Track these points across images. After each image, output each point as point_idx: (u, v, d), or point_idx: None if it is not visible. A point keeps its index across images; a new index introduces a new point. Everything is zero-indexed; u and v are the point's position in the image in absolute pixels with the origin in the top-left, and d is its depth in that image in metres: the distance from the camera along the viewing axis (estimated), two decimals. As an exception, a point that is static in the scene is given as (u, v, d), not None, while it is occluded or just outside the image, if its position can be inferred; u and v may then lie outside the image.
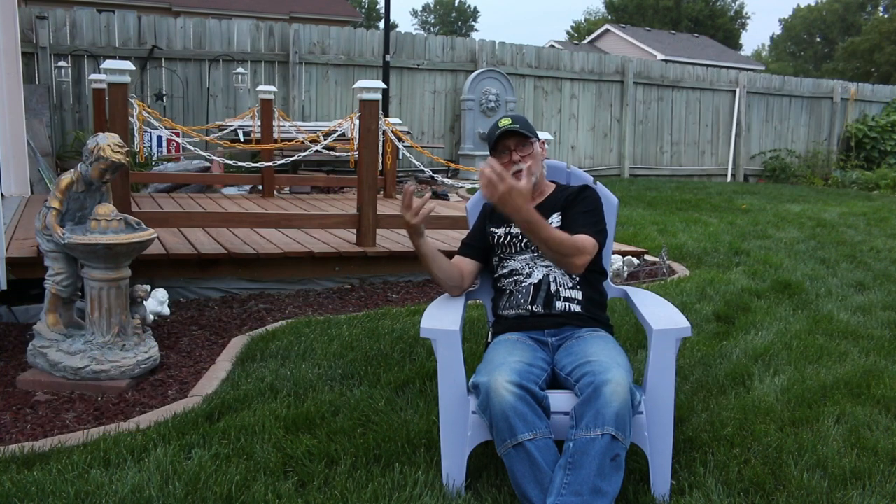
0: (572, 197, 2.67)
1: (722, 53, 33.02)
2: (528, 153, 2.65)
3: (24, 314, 4.10)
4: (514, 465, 2.14)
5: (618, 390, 2.12)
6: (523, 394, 2.16)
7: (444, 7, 63.55)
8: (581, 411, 2.13)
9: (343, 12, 24.78)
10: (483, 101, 11.97)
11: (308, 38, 11.04)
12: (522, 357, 2.35)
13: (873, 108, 17.22)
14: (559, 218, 2.63)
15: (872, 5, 51.83)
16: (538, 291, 2.57)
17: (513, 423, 2.12)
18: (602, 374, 2.17)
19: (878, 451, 2.61)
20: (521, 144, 2.65)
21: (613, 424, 2.08)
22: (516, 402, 2.13)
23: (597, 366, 2.23)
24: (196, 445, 2.53)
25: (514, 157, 2.64)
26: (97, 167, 3.21)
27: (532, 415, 2.15)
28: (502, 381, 2.17)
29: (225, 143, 6.96)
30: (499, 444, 2.17)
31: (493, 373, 2.22)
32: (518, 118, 2.67)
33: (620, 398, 2.11)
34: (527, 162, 2.63)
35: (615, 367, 2.20)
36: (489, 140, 2.69)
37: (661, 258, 5.61)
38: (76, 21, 9.71)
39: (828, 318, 4.33)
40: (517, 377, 2.19)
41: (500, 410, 2.14)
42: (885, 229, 7.92)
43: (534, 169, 2.64)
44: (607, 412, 2.09)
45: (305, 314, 4.31)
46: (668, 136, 14.69)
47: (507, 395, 2.14)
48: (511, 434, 2.13)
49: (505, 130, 2.62)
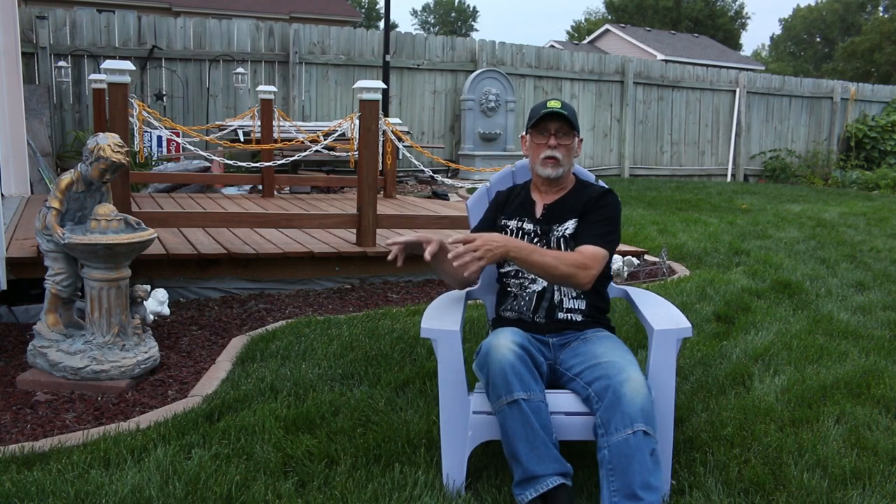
0: (591, 203, 2.57)
1: (722, 53, 33.01)
2: (566, 143, 2.57)
3: (24, 314, 4.10)
4: (507, 421, 2.18)
5: (637, 388, 2.14)
6: (523, 354, 2.22)
7: (444, 7, 63.53)
8: (607, 417, 2.14)
9: (343, 12, 24.77)
10: (483, 101, 11.97)
11: (308, 38, 11.04)
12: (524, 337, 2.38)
13: (873, 108, 17.21)
14: (574, 224, 2.55)
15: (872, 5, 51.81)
16: (541, 301, 2.54)
17: (510, 379, 2.17)
18: (618, 376, 2.19)
19: (878, 451, 2.61)
20: (564, 133, 2.56)
21: (642, 420, 2.10)
22: (515, 361, 2.19)
23: (610, 367, 2.24)
24: (196, 445, 2.53)
25: (551, 141, 2.56)
26: (97, 167, 3.21)
27: (529, 376, 2.20)
28: (505, 340, 2.23)
29: (225, 143, 6.95)
30: (493, 400, 2.21)
31: (498, 335, 2.28)
32: (568, 106, 2.57)
33: (642, 395, 2.14)
34: (561, 151, 2.56)
35: (629, 366, 2.23)
36: (533, 116, 2.58)
37: (661, 258, 5.61)
38: (76, 21, 9.71)
39: (828, 318, 4.33)
40: (520, 339, 2.26)
41: (499, 367, 2.18)
42: (885, 229, 7.92)
43: (564, 162, 2.57)
44: (633, 410, 2.11)
45: (305, 314, 4.31)
46: (668, 136, 14.69)
47: (508, 353, 2.19)
48: (507, 391, 2.17)
49: (553, 112, 2.53)
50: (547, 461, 2.14)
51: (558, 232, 2.56)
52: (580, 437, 2.30)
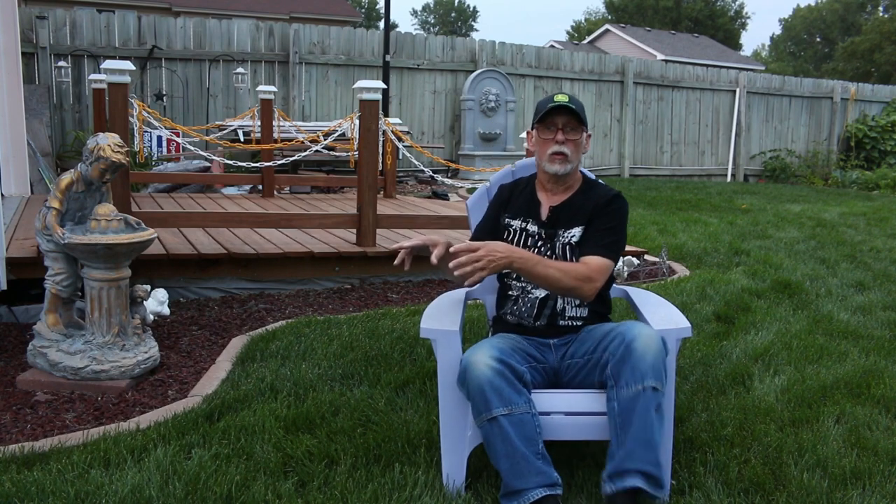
0: (599, 209, 2.50)
1: (722, 53, 33.01)
2: (574, 139, 2.49)
3: (24, 314, 4.10)
4: (487, 437, 2.20)
5: (649, 343, 2.18)
6: (501, 368, 2.20)
7: (444, 7, 63.54)
8: (617, 369, 2.19)
9: (343, 12, 24.77)
10: (483, 101, 11.97)
11: (308, 38, 11.04)
12: (513, 345, 2.38)
13: (873, 108, 17.21)
14: (581, 231, 2.48)
15: (872, 5, 51.82)
16: (543, 308, 2.50)
17: (488, 396, 2.16)
18: (629, 333, 2.22)
19: (878, 451, 2.61)
20: (571, 127, 2.48)
21: (652, 376, 2.14)
22: (493, 377, 2.17)
23: (622, 328, 2.28)
24: (196, 445, 2.53)
25: (558, 136, 2.47)
26: (97, 167, 3.21)
27: (509, 389, 2.18)
28: (482, 356, 2.22)
29: (225, 143, 6.95)
30: (475, 416, 2.22)
31: (476, 350, 2.27)
32: (575, 100, 2.51)
33: (653, 349, 2.17)
34: (569, 147, 2.48)
35: (639, 325, 2.27)
36: (539, 110, 2.51)
37: (661, 258, 5.61)
38: (76, 21, 9.71)
39: (828, 318, 4.33)
40: (497, 353, 2.24)
41: (476, 384, 2.18)
42: (885, 229, 7.92)
43: (572, 158, 2.49)
44: (643, 366, 2.14)
45: (305, 314, 4.31)
46: (668, 136, 14.69)
47: (485, 370, 2.18)
48: (486, 408, 2.17)
49: (560, 105, 2.45)
50: (528, 475, 2.13)
51: (563, 238, 2.50)
52: (580, 437, 2.30)
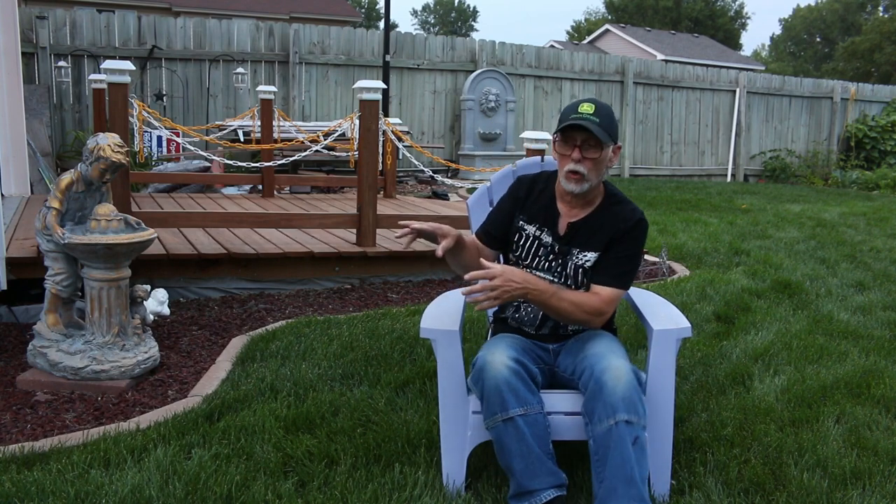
0: (620, 234, 2.36)
1: (722, 53, 33.00)
2: (593, 157, 2.30)
3: (24, 314, 4.10)
4: (502, 437, 2.18)
5: (618, 374, 2.14)
6: (518, 368, 2.20)
7: (444, 7, 63.53)
8: (590, 407, 2.16)
9: (343, 12, 24.77)
10: (483, 101, 11.97)
11: (308, 38, 11.04)
12: (524, 345, 2.38)
13: (873, 108, 17.21)
14: (596, 257, 2.38)
15: (872, 5, 51.81)
16: (546, 320, 2.46)
17: (505, 396, 2.16)
18: (598, 364, 2.19)
19: (878, 451, 2.61)
20: (591, 145, 2.30)
21: (624, 409, 2.10)
22: (510, 377, 2.17)
23: (593, 358, 2.25)
24: (196, 445, 2.53)
25: (575, 154, 2.30)
26: (97, 167, 3.21)
27: (525, 390, 2.19)
28: (500, 355, 2.21)
29: (225, 143, 6.95)
30: (488, 416, 2.20)
31: (492, 349, 2.26)
32: (603, 109, 2.28)
33: (623, 382, 2.13)
34: (585, 166, 2.30)
35: (610, 355, 2.22)
36: (562, 119, 2.32)
37: (661, 258, 5.61)
38: (76, 21, 9.71)
39: (828, 318, 4.33)
40: (514, 353, 2.24)
41: (493, 384, 2.17)
42: (885, 229, 7.92)
43: (590, 177, 2.32)
44: (614, 399, 2.11)
45: (305, 314, 4.31)
46: (667, 136, 14.69)
47: (503, 369, 2.18)
48: (503, 408, 2.16)
49: (581, 125, 2.26)
50: (542, 475, 2.15)
51: (577, 259, 2.40)
52: (580, 437, 2.30)
